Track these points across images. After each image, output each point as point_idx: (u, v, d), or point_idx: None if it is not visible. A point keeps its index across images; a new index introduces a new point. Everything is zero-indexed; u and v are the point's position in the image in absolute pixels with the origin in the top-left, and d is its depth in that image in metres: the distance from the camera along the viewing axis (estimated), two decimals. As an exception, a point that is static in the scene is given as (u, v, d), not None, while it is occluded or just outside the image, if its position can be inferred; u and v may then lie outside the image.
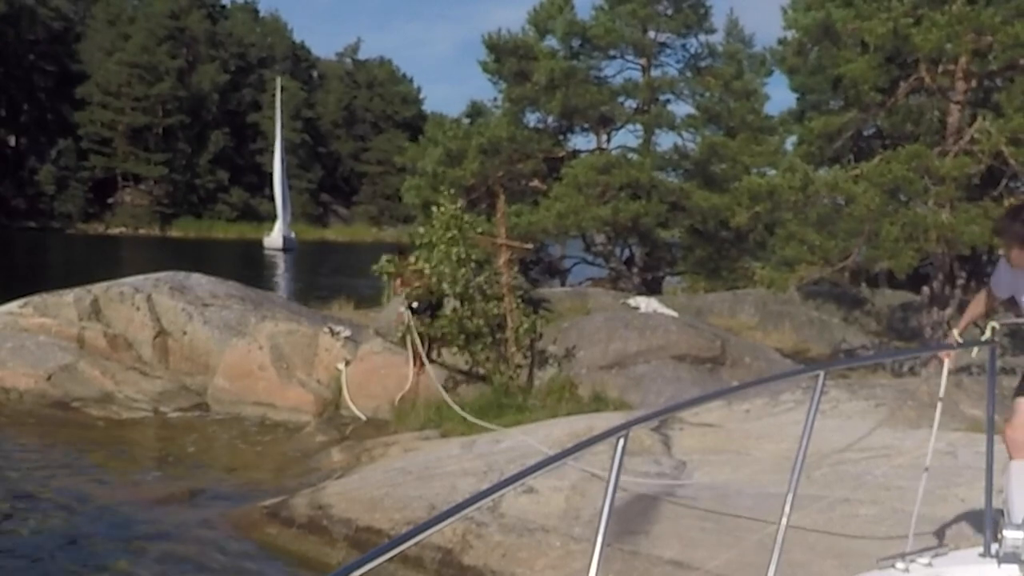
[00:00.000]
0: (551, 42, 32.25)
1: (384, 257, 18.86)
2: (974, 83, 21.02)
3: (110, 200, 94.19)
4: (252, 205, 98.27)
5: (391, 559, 2.57)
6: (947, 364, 5.84)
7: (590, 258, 33.96)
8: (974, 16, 18.91)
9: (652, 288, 30.99)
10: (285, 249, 73.96)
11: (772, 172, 23.54)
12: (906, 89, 21.70)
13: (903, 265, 19.63)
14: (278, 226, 78.27)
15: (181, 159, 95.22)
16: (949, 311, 21.12)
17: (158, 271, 21.66)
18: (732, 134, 30.51)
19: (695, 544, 8.59)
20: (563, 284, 31.47)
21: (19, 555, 10.79)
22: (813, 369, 5.07)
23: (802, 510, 6.83)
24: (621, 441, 3.30)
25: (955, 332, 6.03)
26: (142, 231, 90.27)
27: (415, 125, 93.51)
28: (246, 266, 54.04)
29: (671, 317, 19.18)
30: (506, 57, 31.52)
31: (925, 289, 22.29)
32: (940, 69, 20.39)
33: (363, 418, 16.76)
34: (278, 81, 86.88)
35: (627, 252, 33.60)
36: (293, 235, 79.48)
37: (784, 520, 4.14)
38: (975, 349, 5.54)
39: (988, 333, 5.36)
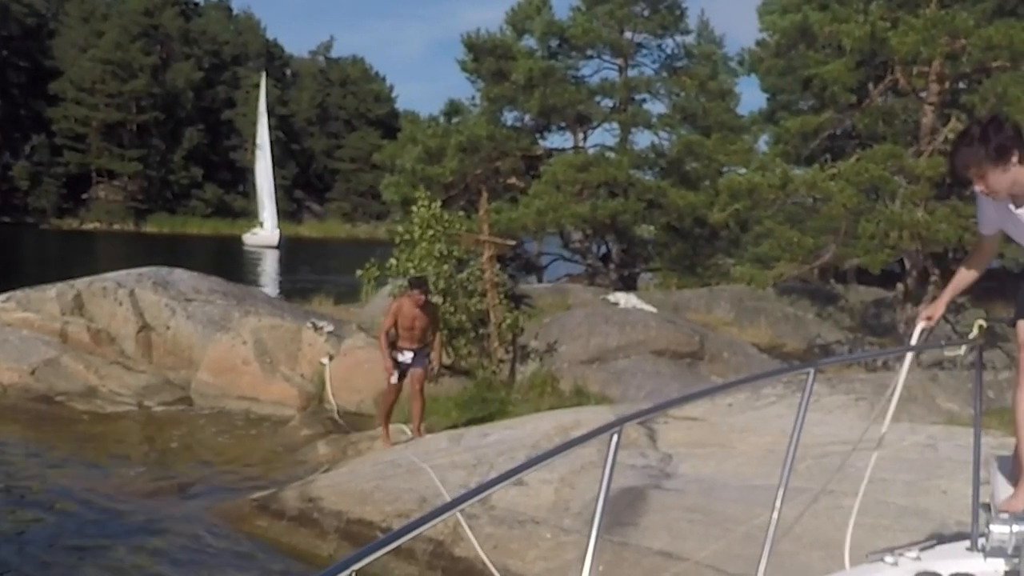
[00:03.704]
0: (529, 42, 32.49)
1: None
2: (947, 84, 21.34)
3: (84, 196, 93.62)
4: (226, 201, 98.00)
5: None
6: (920, 327, 5.44)
7: (567, 254, 34.17)
8: (949, 19, 19.21)
9: (628, 284, 31.27)
10: (278, 246, 73.83)
11: (743, 171, 23.83)
12: (880, 90, 22.01)
13: (877, 262, 19.96)
14: (270, 223, 78.18)
15: (155, 155, 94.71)
16: (923, 307, 21.44)
17: (135, 266, 21.71)
18: (707, 133, 30.79)
19: (683, 535, 8.77)
20: (540, 280, 31.67)
21: (5, 550, 10.76)
22: (805, 366, 5.20)
23: (788, 502, 6.98)
24: (615, 436, 3.40)
25: (921, 324, 5.47)
26: (116, 227, 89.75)
27: (388, 123, 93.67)
28: (226, 262, 53.92)
29: (650, 313, 19.42)
30: (484, 56, 31.69)
31: (899, 286, 22.59)
32: (914, 71, 20.69)
33: (336, 416, 16.87)
34: (263, 79, 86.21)
35: (603, 248, 33.85)
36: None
37: (775, 514, 4.28)
38: (963, 347, 5.61)
39: (975, 331, 5.43)
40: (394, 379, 13.99)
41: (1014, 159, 4.80)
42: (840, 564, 5.43)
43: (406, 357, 14.07)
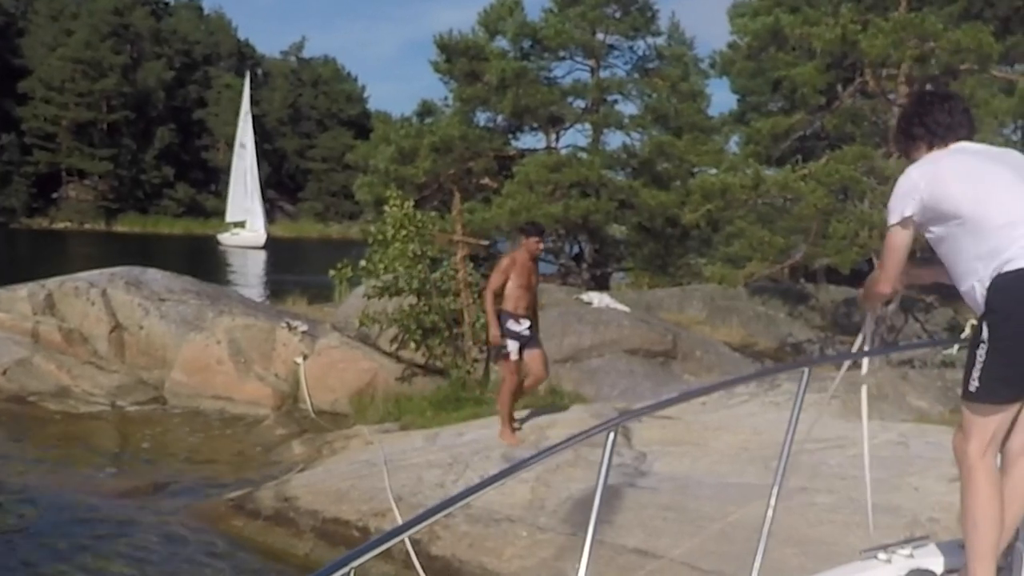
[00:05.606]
0: (502, 43, 32.60)
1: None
2: (916, 87, 21.56)
3: (54, 195, 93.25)
4: (198, 201, 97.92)
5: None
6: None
7: (539, 254, 34.27)
8: (918, 22, 19.40)
9: (600, 284, 31.40)
10: (264, 247, 73.70)
11: (714, 171, 24.03)
12: (850, 92, 22.22)
13: (847, 261, 20.14)
14: (259, 223, 78.02)
15: (126, 155, 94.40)
16: (892, 307, 21.63)
17: (107, 266, 21.61)
18: (678, 134, 30.95)
19: (658, 533, 8.83)
20: (513, 281, 31.69)
21: (-20, 550, 10.74)
22: (799, 365, 5.28)
23: (762, 500, 7.08)
24: (612, 434, 3.47)
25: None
26: (87, 226, 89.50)
27: (360, 123, 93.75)
28: (202, 262, 53.71)
29: (623, 312, 19.49)
30: (457, 57, 31.77)
31: (870, 285, 22.78)
32: (884, 73, 20.88)
33: (312, 414, 16.89)
34: (246, 81, 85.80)
35: (576, 248, 33.97)
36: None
37: (770, 512, 4.35)
38: (955, 346, 5.68)
39: (968, 331, 5.47)
40: (515, 355, 11.54)
41: (921, 152, 4.26)
42: (813, 560, 5.47)
43: (523, 327, 11.56)
